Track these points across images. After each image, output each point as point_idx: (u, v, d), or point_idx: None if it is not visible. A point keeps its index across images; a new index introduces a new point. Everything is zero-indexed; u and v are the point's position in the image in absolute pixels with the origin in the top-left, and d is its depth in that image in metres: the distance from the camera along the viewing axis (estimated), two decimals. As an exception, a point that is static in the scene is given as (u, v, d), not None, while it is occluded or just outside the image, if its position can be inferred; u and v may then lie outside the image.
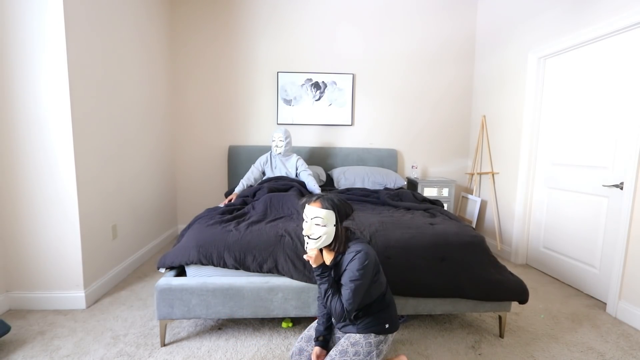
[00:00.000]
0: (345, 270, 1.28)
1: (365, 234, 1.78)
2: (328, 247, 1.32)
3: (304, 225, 1.29)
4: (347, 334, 1.36)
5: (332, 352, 1.31)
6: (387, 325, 1.35)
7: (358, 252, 1.26)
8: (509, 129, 3.06)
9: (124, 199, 2.52)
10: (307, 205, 1.31)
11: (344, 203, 1.32)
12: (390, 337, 1.38)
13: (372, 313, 1.34)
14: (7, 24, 1.82)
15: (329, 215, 1.27)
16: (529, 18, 2.81)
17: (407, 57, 3.57)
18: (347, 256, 1.29)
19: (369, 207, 2.40)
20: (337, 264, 1.32)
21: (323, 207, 1.28)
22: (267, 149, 3.42)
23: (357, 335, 1.34)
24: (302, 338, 1.46)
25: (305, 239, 1.30)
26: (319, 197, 1.31)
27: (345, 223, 1.37)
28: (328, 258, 1.36)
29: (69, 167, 1.94)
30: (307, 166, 2.84)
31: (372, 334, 1.33)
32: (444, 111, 3.67)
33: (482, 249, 1.77)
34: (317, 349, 1.38)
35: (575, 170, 2.45)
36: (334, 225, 1.28)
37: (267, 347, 1.68)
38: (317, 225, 1.27)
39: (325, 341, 1.41)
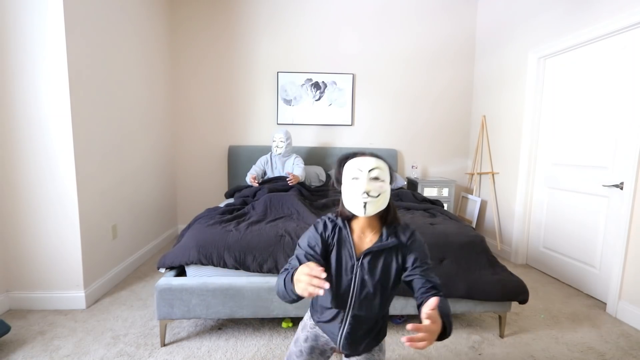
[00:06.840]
0: (413, 252, 0.95)
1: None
2: (377, 217, 0.96)
3: (354, 184, 0.89)
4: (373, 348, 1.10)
5: None
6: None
7: (414, 230, 0.97)
8: (509, 129, 3.06)
9: (124, 199, 2.52)
10: (356, 158, 0.92)
11: None
12: None
13: (386, 314, 1.09)
14: (7, 24, 1.81)
15: (387, 170, 0.93)
16: (529, 18, 2.81)
17: (407, 57, 3.56)
18: (403, 235, 0.95)
19: (369, 207, 2.40)
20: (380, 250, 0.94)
21: (379, 159, 0.93)
22: (267, 149, 3.42)
23: (380, 343, 1.10)
24: (303, 339, 1.11)
25: (358, 199, 0.88)
26: (365, 152, 0.96)
27: None
28: (369, 237, 0.96)
29: (69, 167, 1.94)
30: (302, 162, 2.94)
31: (385, 337, 1.12)
32: (444, 111, 3.67)
33: (482, 249, 1.77)
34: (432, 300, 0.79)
35: (575, 170, 2.45)
36: (390, 185, 0.94)
37: (267, 347, 1.68)
38: (376, 180, 0.89)
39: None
